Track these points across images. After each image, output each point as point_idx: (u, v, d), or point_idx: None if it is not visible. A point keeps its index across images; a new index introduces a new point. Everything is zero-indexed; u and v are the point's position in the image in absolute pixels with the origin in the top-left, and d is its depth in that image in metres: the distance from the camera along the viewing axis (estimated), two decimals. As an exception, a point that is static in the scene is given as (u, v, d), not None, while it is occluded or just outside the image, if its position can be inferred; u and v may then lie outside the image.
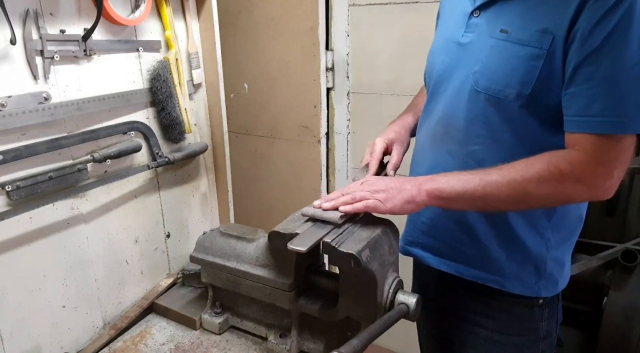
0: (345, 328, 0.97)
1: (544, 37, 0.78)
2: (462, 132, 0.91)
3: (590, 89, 0.75)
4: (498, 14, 0.85)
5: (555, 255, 0.94)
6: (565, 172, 0.77)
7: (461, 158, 0.92)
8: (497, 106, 0.85)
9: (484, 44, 0.86)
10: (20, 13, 0.92)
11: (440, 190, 0.84)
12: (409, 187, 0.85)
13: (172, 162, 1.26)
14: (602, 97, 0.74)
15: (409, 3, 1.71)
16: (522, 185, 0.79)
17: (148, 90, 1.21)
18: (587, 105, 0.75)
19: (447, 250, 0.99)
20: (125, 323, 1.18)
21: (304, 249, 0.81)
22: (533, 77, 0.80)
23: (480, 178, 0.82)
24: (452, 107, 0.92)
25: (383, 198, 0.85)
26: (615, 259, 1.66)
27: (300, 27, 1.85)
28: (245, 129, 2.15)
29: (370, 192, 0.87)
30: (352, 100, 1.96)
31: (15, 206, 0.97)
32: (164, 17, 1.23)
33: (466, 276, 0.97)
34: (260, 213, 2.20)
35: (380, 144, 1.07)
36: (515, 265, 0.93)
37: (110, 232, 1.19)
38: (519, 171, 0.80)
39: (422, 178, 0.87)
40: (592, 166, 0.76)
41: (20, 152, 0.95)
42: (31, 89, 0.97)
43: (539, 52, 0.79)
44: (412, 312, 0.86)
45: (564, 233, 0.94)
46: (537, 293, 0.95)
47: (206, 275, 1.10)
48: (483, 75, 0.85)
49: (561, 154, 0.79)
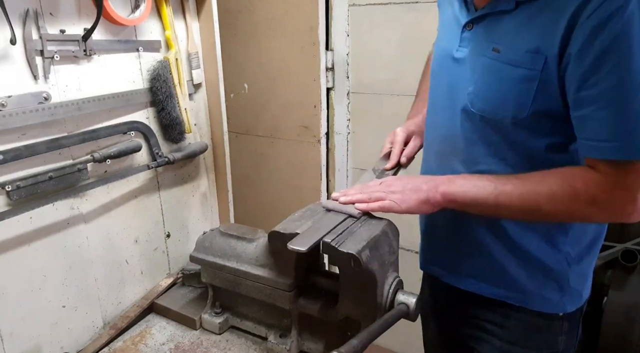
0: (345, 328, 0.97)
1: (536, 57, 0.74)
2: (465, 152, 0.89)
3: (597, 111, 0.70)
4: (489, 29, 0.82)
5: (577, 269, 0.90)
6: (579, 192, 0.74)
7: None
8: (495, 127, 0.83)
9: (476, 62, 0.83)
10: (20, 13, 0.92)
11: (455, 194, 0.83)
12: (426, 188, 0.85)
13: (172, 162, 1.26)
14: (610, 121, 0.70)
15: (409, 3, 1.71)
16: (533, 199, 0.77)
17: (148, 90, 1.21)
18: (597, 130, 0.72)
19: (465, 269, 0.97)
20: (125, 323, 1.18)
21: (304, 249, 0.81)
22: (529, 99, 0.76)
23: (494, 187, 0.80)
24: (452, 127, 0.90)
25: (399, 200, 0.85)
26: (615, 259, 1.66)
27: (300, 27, 1.85)
28: (245, 129, 2.15)
29: (386, 192, 0.87)
30: (352, 100, 1.96)
31: (15, 206, 0.97)
32: (164, 17, 1.23)
33: (486, 294, 0.95)
34: (260, 213, 2.20)
35: (401, 134, 1.07)
36: (537, 282, 0.90)
37: (110, 232, 1.19)
38: (533, 184, 0.77)
39: (439, 179, 0.86)
40: (609, 189, 0.72)
41: (21, 152, 0.95)
42: (31, 88, 0.97)
43: (532, 74, 0.75)
44: (412, 312, 0.85)
45: (584, 245, 0.90)
46: (562, 309, 0.92)
47: (206, 275, 1.10)
48: (477, 97, 0.83)
49: (579, 172, 0.76)
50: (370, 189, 0.90)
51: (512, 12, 0.78)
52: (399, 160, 1.05)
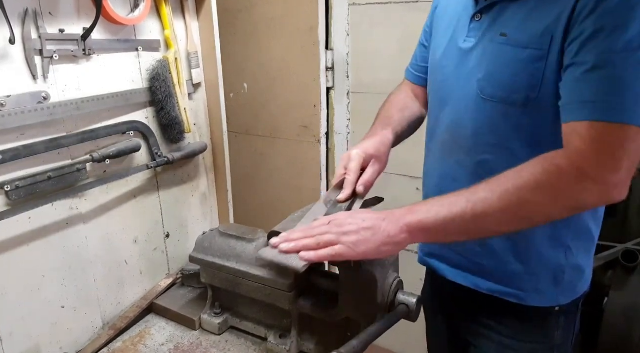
0: (345, 329, 0.97)
1: (543, 37, 0.75)
2: (470, 141, 0.87)
3: (587, 73, 0.69)
4: (499, 17, 0.83)
5: (574, 263, 0.90)
6: (563, 167, 0.69)
7: (471, 168, 0.88)
8: (505, 113, 0.82)
9: (485, 49, 0.84)
10: (19, 12, 0.92)
11: (423, 221, 0.73)
12: (385, 225, 0.73)
13: (171, 162, 1.26)
14: (598, 82, 0.68)
15: (409, 2, 1.70)
16: (516, 196, 0.70)
17: (147, 90, 1.21)
18: (583, 91, 0.70)
19: (464, 262, 0.96)
20: (124, 323, 1.18)
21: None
22: (538, 79, 0.76)
23: (467, 198, 0.72)
24: (458, 115, 0.89)
25: (353, 243, 0.72)
26: (616, 259, 1.66)
27: (300, 27, 1.85)
28: (245, 129, 2.15)
29: (337, 234, 0.74)
30: (352, 100, 1.96)
31: (14, 206, 0.96)
32: (163, 16, 1.22)
33: (483, 289, 0.94)
34: (260, 213, 2.20)
35: (357, 158, 0.92)
36: (534, 277, 0.90)
37: (109, 232, 1.19)
38: (510, 180, 0.71)
39: (399, 212, 0.75)
40: (595, 156, 0.68)
41: (19, 151, 0.95)
42: (30, 88, 0.96)
43: (540, 54, 0.76)
44: (413, 312, 0.85)
45: (584, 240, 0.90)
46: (555, 302, 0.91)
47: (206, 276, 1.09)
48: (488, 83, 0.82)
49: (557, 152, 0.71)
50: (317, 231, 0.75)
51: (520, 0, 0.80)
52: (355, 189, 0.91)
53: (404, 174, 1.84)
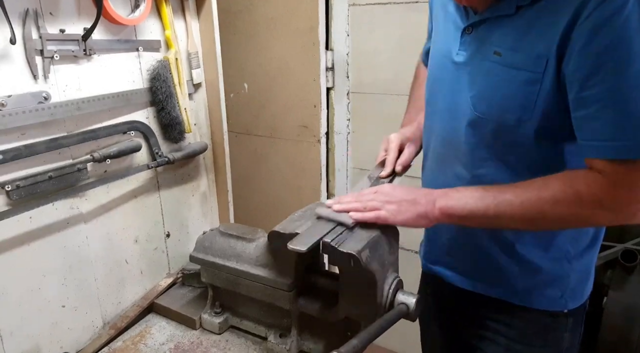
0: (345, 328, 0.97)
1: (538, 60, 0.74)
2: (467, 156, 0.88)
3: (599, 111, 0.70)
4: (490, 33, 0.81)
5: (578, 267, 0.91)
6: (582, 194, 0.73)
7: (470, 181, 0.88)
8: (497, 130, 0.82)
9: (478, 66, 0.83)
10: (20, 13, 0.92)
11: (453, 207, 0.81)
12: (424, 202, 0.83)
13: (172, 162, 1.26)
14: (611, 121, 0.70)
15: (409, 3, 1.70)
16: (536, 206, 0.75)
17: (148, 90, 1.21)
18: (598, 130, 0.71)
19: (468, 269, 0.97)
20: (125, 323, 1.18)
21: (304, 249, 0.81)
22: (532, 101, 0.76)
23: (494, 197, 0.79)
24: (452, 130, 0.89)
25: (395, 211, 0.83)
26: (615, 259, 1.66)
27: (300, 27, 1.85)
28: (245, 129, 2.15)
29: (382, 202, 0.85)
30: (352, 100, 1.96)
31: (15, 206, 0.96)
32: (163, 16, 1.23)
33: (489, 294, 0.95)
34: (260, 213, 2.20)
35: (395, 140, 1.04)
36: (537, 283, 0.91)
37: (110, 232, 1.19)
38: (535, 190, 0.76)
39: (436, 193, 0.84)
40: (612, 189, 0.72)
41: (20, 151, 0.95)
42: (31, 88, 0.97)
43: (535, 77, 0.75)
44: (412, 312, 0.85)
45: (585, 241, 0.90)
46: (564, 307, 0.92)
47: (206, 275, 1.10)
48: (481, 100, 0.82)
49: (580, 174, 0.75)
50: (365, 198, 0.88)
51: (512, 16, 0.78)
52: (394, 168, 1.03)
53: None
